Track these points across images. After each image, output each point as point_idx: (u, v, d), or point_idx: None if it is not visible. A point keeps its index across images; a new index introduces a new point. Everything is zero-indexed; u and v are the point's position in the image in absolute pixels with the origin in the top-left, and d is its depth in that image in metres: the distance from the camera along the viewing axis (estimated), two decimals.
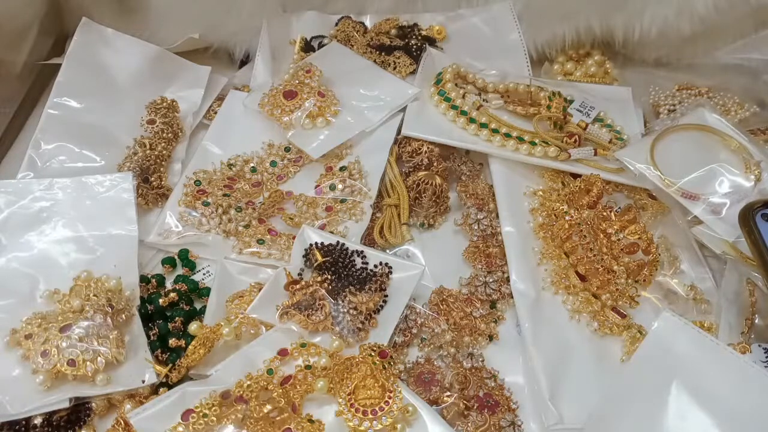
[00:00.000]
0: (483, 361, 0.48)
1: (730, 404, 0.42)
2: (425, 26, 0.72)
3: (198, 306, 0.51)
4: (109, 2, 0.67)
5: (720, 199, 0.53)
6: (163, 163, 0.59)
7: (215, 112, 0.64)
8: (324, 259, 0.50)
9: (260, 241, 0.54)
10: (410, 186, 0.57)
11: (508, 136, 0.58)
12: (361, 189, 0.57)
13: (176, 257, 0.54)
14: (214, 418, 0.42)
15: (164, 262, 0.54)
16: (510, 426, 0.44)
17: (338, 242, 0.52)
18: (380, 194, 0.58)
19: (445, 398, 0.46)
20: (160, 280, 0.52)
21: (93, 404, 0.44)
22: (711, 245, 0.53)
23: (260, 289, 0.49)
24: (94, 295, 0.47)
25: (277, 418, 0.42)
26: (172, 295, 0.50)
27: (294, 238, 0.53)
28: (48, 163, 0.57)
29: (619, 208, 0.56)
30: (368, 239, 0.55)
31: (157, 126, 0.61)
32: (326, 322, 0.47)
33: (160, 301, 0.49)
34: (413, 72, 0.67)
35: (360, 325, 0.47)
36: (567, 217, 0.53)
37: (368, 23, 0.72)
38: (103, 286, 0.48)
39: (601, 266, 0.50)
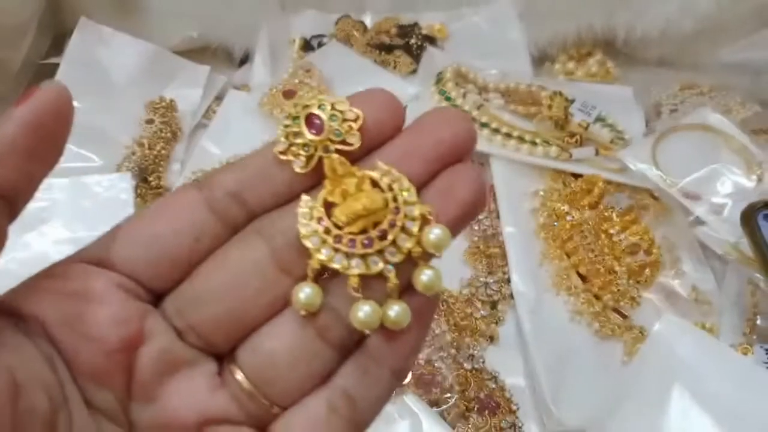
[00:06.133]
0: (484, 362, 0.48)
1: (731, 405, 0.42)
2: (425, 25, 0.71)
3: None
4: (108, 1, 0.67)
5: (722, 199, 0.53)
6: (161, 163, 0.59)
7: (214, 112, 0.64)
8: None
9: None
10: None
11: (508, 136, 0.58)
12: None
13: None
14: None
15: None
16: (511, 428, 0.44)
17: None
18: None
19: (445, 399, 0.45)
20: None
21: None
22: (713, 246, 0.52)
23: None
24: None
25: None
26: None
27: None
28: None
29: (621, 208, 0.55)
30: None
31: (155, 125, 0.61)
32: None
33: None
34: (413, 71, 0.67)
35: None
36: (568, 218, 0.53)
37: (368, 22, 0.72)
38: None
39: (603, 267, 0.50)
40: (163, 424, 0.18)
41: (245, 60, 0.69)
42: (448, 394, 0.45)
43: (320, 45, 0.69)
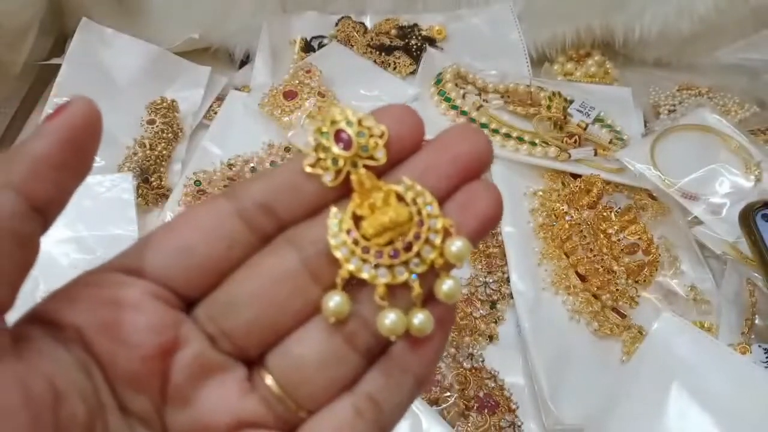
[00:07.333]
0: (483, 361, 0.48)
1: (730, 404, 0.42)
2: (425, 26, 0.72)
3: None
4: (110, 2, 0.67)
5: (720, 199, 0.53)
6: (163, 163, 0.59)
7: (215, 113, 0.64)
8: None
9: None
10: None
11: (508, 136, 0.58)
12: None
13: None
14: None
15: None
16: (510, 426, 0.44)
17: None
18: None
19: (445, 398, 0.46)
20: None
21: None
22: (711, 245, 0.53)
23: None
24: None
25: None
26: None
27: None
28: None
29: (620, 208, 0.56)
30: None
31: (157, 126, 0.61)
32: None
33: None
34: (413, 72, 0.67)
35: None
36: (567, 218, 0.53)
37: (368, 23, 0.72)
38: None
39: (602, 266, 0.50)
40: (196, 428, 0.19)
41: (246, 61, 0.69)
42: (448, 393, 0.46)
43: (321, 46, 0.69)
